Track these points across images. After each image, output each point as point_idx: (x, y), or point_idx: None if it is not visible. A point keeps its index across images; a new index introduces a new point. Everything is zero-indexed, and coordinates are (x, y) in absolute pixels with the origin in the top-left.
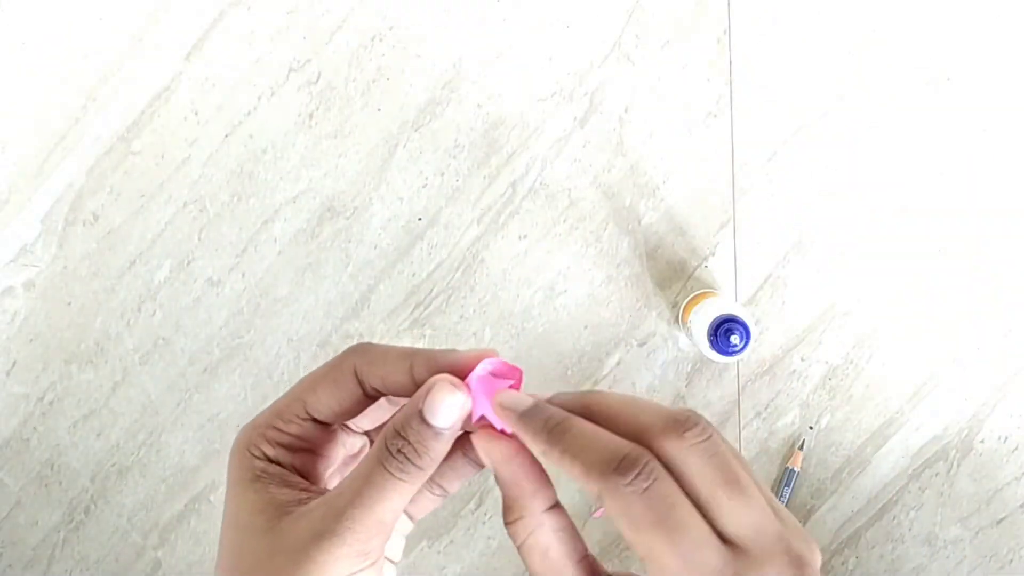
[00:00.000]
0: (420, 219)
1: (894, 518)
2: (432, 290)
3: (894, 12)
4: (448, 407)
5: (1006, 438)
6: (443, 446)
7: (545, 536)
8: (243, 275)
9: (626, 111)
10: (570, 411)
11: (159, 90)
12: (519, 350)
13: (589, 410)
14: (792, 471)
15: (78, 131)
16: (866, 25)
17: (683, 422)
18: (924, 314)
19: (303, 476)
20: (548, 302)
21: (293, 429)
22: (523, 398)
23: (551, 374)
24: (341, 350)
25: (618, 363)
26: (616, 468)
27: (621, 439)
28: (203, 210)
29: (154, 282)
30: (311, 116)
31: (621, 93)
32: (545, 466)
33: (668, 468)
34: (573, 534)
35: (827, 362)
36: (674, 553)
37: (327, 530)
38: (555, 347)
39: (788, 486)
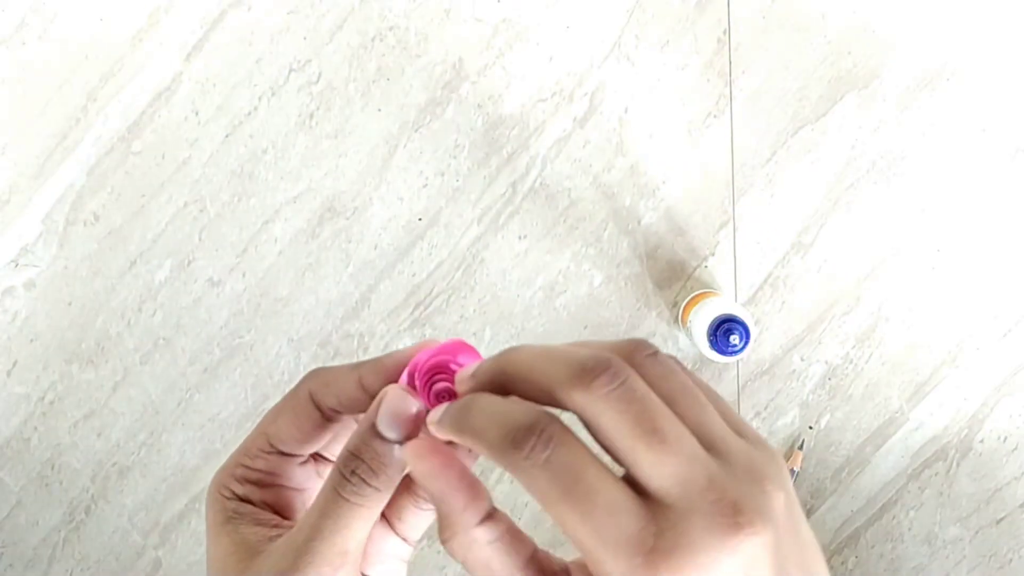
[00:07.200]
0: (420, 219)
1: (894, 518)
2: (432, 290)
3: (893, 11)
4: (401, 416)
5: (1006, 438)
6: (401, 461)
7: (482, 551)
8: (243, 275)
9: (626, 111)
10: (489, 380)
11: (160, 90)
12: None
13: (505, 374)
14: (792, 471)
15: (79, 131)
16: (866, 25)
17: (590, 370)
18: (924, 314)
19: (280, 512)
20: (548, 302)
21: (260, 464)
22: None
23: None
24: (341, 350)
25: None
26: (512, 442)
27: (521, 407)
28: (203, 210)
29: (154, 282)
30: (311, 116)
31: (621, 93)
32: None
33: (584, 423)
34: (513, 540)
35: (827, 362)
36: (586, 525)
37: (289, 568)
38: None
39: None
